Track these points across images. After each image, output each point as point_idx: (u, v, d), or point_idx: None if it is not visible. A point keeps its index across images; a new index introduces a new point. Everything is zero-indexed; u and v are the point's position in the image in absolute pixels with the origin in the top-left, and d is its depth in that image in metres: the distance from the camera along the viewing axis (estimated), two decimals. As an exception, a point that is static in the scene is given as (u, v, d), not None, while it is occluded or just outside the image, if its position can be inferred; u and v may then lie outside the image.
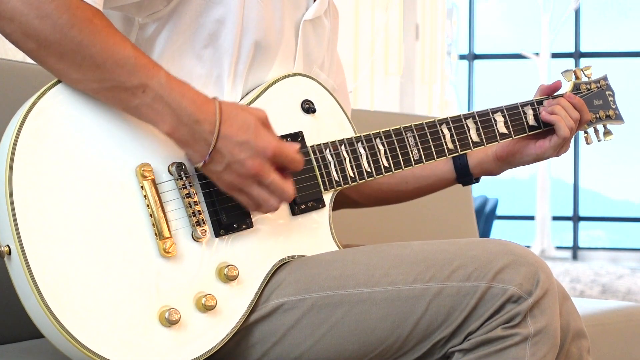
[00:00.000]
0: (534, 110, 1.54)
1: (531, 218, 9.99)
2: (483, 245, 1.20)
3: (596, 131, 1.65)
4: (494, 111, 1.51)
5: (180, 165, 1.19)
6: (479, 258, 1.18)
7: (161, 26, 1.27)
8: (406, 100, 7.22)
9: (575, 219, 10.25)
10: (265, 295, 1.23)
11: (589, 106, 1.60)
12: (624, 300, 6.58)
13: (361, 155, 1.37)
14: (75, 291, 1.09)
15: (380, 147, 1.38)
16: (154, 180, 1.17)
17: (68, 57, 1.11)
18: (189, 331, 1.16)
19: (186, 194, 1.19)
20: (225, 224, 1.22)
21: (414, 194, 1.63)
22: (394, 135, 1.39)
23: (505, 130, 1.51)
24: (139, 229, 1.15)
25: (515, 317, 1.16)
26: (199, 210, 1.20)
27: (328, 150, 1.34)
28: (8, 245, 1.08)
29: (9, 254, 1.08)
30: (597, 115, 1.63)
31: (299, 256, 1.28)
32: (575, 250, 10.06)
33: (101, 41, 1.11)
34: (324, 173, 1.33)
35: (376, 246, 1.27)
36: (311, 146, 1.33)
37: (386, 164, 1.39)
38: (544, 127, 1.54)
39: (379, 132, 1.38)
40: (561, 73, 1.63)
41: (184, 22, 1.26)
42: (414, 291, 1.18)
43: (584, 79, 1.64)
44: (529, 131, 1.53)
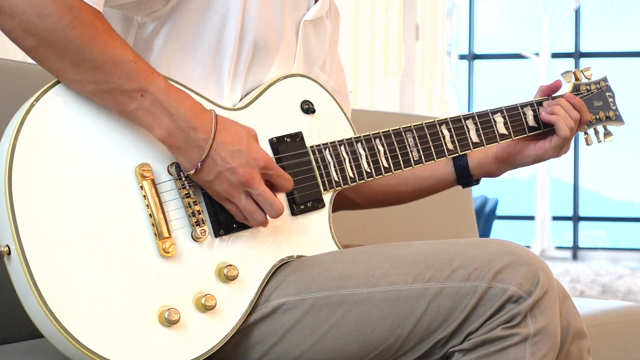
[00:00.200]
0: (533, 111, 1.54)
1: (531, 218, 9.99)
2: (483, 245, 1.20)
3: (596, 132, 1.65)
4: (494, 112, 1.51)
5: (179, 166, 1.19)
6: (479, 258, 1.18)
7: (160, 26, 1.27)
8: (406, 100, 7.22)
9: (575, 219, 10.25)
10: (265, 295, 1.23)
11: (588, 107, 1.59)
12: (624, 300, 6.58)
13: (361, 155, 1.37)
14: (74, 291, 1.09)
15: (380, 148, 1.38)
16: (153, 181, 1.17)
17: (67, 58, 1.11)
18: (189, 331, 1.16)
19: (186, 194, 1.19)
20: (224, 224, 1.22)
21: (414, 195, 1.63)
22: (393, 136, 1.39)
23: (505, 131, 1.51)
24: (139, 229, 1.15)
25: (515, 317, 1.16)
26: (199, 210, 1.20)
27: (328, 150, 1.34)
28: (8, 245, 1.08)
29: (9, 254, 1.08)
30: (597, 117, 1.63)
31: (298, 256, 1.28)
32: (575, 250, 10.06)
33: (102, 44, 1.11)
34: (323, 173, 1.33)
35: (376, 246, 1.27)
36: (311, 146, 1.33)
37: (386, 165, 1.39)
38: (544, 128, 1.54)
39: (379, 133, 1.38)
40: (561, 74, 1.63)
41: (183, 22, 1.26)
42: (414, 291, 1.18)
43: (584, 80, 1.63)
44: (529, 132, 1.53)
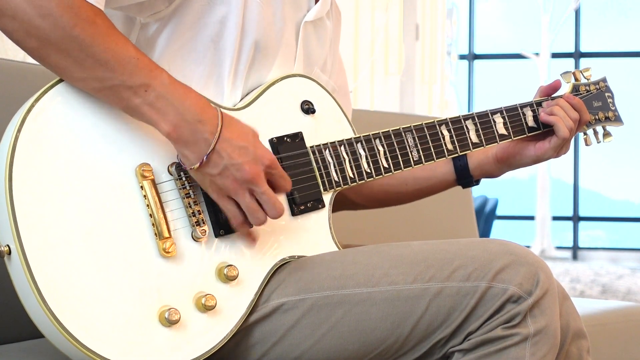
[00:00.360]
0: (533, 111, 1.54)
1: (531, 218, 9.99)
2: (483, 245, 1.20)
3: (595, 133, 1.65)
4: (493, 112, 1.51)
5: (180, 165, 1.19)
6: (479, 258, 1.18)
7: (162, 26, 1.27)
8: (406, 100, 7.22)
9: (575, 219, 10.25)
10: (265, 295, 1.23)
11: (588, 108, 1.59)
12: (624, 300, 6.58)
13: (361, 155, 1.37)
14: (75, 291, 1.09)
15: (380, 148, 1.38)
16: (153, 180, 1.17)
17: (70, 56, 1.11)
18: (189, 331, 1.16)
19: (186, 194, 1.19)
20: (224, 224, 1.22)
21: (415, 195, 1.63)
22: (393, 136, 1.40)
23: (505, 131, 1.51)
24: (139, 229, 1.15)
25: (515, 317, 1.16)
26: (199, 210, 1.20)
27: (328, 150, 1.34)
28: (8, 245, 1.08)
29: (9, 253, 1.08)
30: (597, 117, 1.63)
31: (299, 256, 1.28)
32: (575, 250, 10.06)
33: (104, 41, 1.11)
34: (323, 173, 1.33)
35: (376, 246, 1.27)
36: (311, 147, 1.33)
37: (386, 165, 1.39)
38: (543, 128, 1.54)
39: (379, 133, 1.38)
40: (560, 75, 1.63)
41: (186, 23, 1.26)
42: (414, 291, 1.18)
43: (583, 81, 1.63)
44: (528, 132, 1.53)
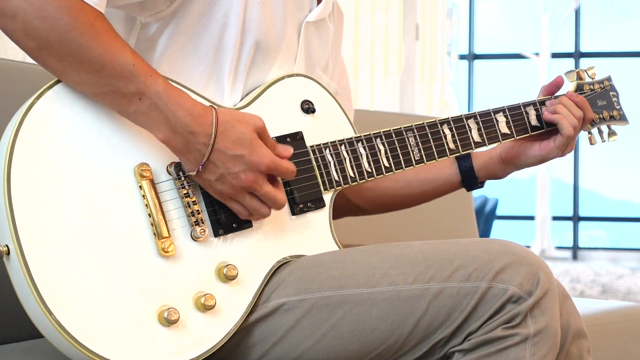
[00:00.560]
0: (536, 110, 1.53)
1: (531, 218, 9.99)
2: (483, 246, 1.20)
3: (600, 132, 1.63)
4: (496, 111, 1.50)
5: (178, 165, 1.19)
6: (479, 258, 1.18)
7: (163, 26, 1.27)
8: (406, 100, 7.22)
9: (575, 219, 10.25)
10: (266, 295, 1.23)
11: (592, 107, 1.58)
12: (624, 300, 6.58)
13: (361, 155, 1.36)
14: (74, 291, 1.09)
15: (381, 147, 1.38)
16: (152, 180, 1.16)
17: (67, 59, 1.11)
18: (188, 331, 1.15)
19: (185, 194, 1.19)
20: (224, 224, 1.22)
21: (419, 198, 1.61)
22: (394, 135, 1.39)
23: (507, 130, 1.50)
24: (138, 229, 1.15)
25: (516, 317, 1.15)
26: (198, 210, 1.19)
27: (328, 150, 1.34)
28: (7, 245, 1.08)
29: (8, 253, 1.08)
30: (601, 116, 1.62)
31: (299, 256, 1.28)
32: (575, 250, 10.06)
33: (101, 45, 1.11)
34: (323, 173, 1.33)
35: (376, 246, 1.27)
36: (311, 146, 1.32)
37: (387, 164, 1.38)
38: (547, 127, 1.53)
39: (380, 132, 1.38)
40: (564, 74, 1.61)
41: (187, 22, 1.26)
42: (414, 291, 1.18)
43: (588, 80, 1.62)
44: (532, 131, 1.52)
